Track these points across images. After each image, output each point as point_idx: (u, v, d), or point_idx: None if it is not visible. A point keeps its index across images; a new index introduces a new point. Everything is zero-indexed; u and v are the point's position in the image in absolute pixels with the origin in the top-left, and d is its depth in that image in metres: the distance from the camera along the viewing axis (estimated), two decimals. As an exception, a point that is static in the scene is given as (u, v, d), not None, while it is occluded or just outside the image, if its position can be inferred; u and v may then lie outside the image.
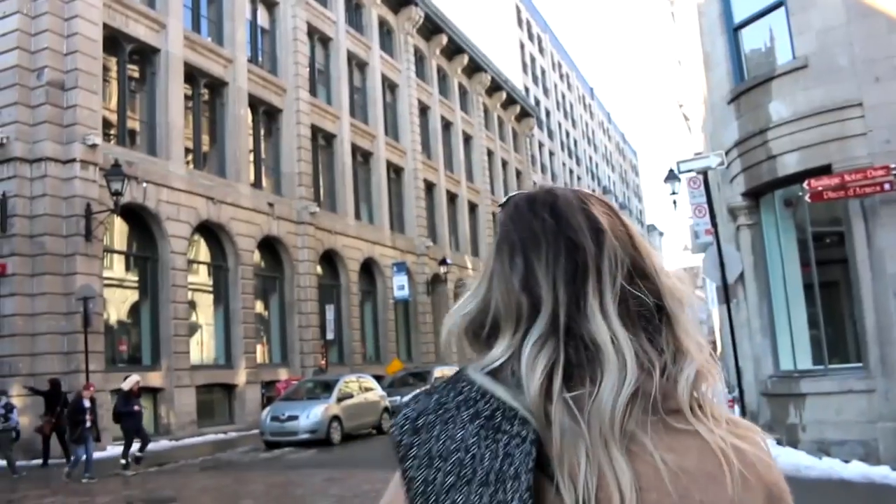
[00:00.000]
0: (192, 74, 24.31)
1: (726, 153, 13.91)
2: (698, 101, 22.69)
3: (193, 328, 23.67)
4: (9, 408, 16.17)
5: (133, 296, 22.25)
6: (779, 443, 12.35)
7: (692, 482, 0.90)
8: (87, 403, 14.92)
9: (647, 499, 0.89)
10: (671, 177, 21.87)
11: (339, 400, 20.06)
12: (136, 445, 15.78)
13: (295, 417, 19.04)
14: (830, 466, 10.81)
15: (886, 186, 10.85)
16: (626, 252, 1.01)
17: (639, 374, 0.92)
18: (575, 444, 0.91)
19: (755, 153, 12.79)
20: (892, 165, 10.76)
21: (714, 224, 14.52)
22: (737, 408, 16.42)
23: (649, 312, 0.99)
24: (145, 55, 22.81)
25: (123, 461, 15.43)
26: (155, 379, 21.29)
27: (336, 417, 19.50)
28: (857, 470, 10.54)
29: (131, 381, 16.16)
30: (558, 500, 0.90)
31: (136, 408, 16.12)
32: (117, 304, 21.75)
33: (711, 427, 0.94)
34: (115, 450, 18.67)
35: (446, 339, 1.09)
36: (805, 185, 11.39)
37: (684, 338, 1.00)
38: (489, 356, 0.99)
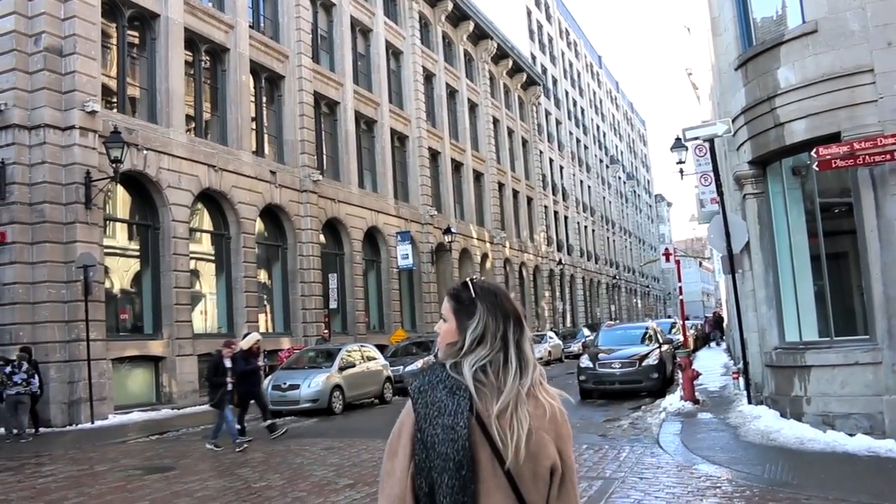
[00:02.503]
0: (193, 40, 24.00)
1: (733, 120, 13.65)
2: (706, 68, 22.34)
3: (195, 297, 23.58)
4: (30, 373, 16.21)
5: (135, 264, 22.13)
6: (782, 415, 12.22)
7: (535, 419, 2.04)
8: (228, 363, 14.06)
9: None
10: (678, 145, 21.61)
11: (341, 369, 19.99)
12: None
13: (296, 386, 19.00)
14: (834, 440, 10.67)
15: (897, 155, 10.59)
16: (522, 318, 2.21)
17: (535, 374, 2.14)
18: (490, 405, 2.03)
19: (762, 120, 12.52)
20: (903, 133, 10.49)
21: (720, 193, 14.32)
22: (741, 379, 16.35)
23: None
24: (145, 20, 22.50)
25: (238, 426, 14.39)
26: (156, 348, 21.27)
27: (338, 387, 19.44)
28: (861, 443, 10.40)
29: (251, 339, 15.23)
30: (483, 435, 2.00)
31: (255, 368, 15.04)
32: (119, 273, 21.66)
33: (542, 394, 2.11)
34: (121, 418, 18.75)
35: (448, 350, 2.19)
36: (813, 153, 11.12)
37: (531, 353, 2.19)
38: (473, 358, 2.11)
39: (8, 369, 16.24)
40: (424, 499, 2.00)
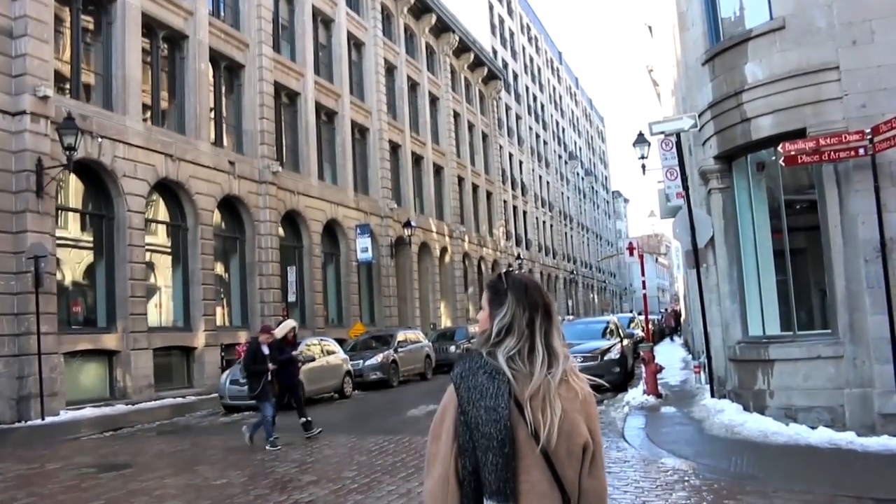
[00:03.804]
0: (151, 26, 23.45)
1: (699, 115, 13.63)
2: (670, 64, 22.38)
3: (151, 289, 23.08)
4: None
5: (88, 256, 21.57)
6: (746, 409, 12.26)
7: (568, 401, 2.18)
8: (266, 350, 13.02)
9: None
10: (640, 140, 21.62)
11: (301, 363, 19.64)
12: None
13: (255, 381, 18.61)
14: (797, 432, 10.72)
15: (861, 151, 10.63)
16: (551, 309, 2.32)
17: (564, 364, 2.24)
18: (525, 389, 2.17)
19: (729, 115, 12.52)
20: (867, 130, 10.53)
21: (685, 187, 14.30)
22: (703, 374, 16.41)
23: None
24: (101, 4, 21.91)
25: (303, 420, 13.51)
26: (110, 341, 20.75)
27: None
28: (823, 436, 10.47)
29: (286, 326, 14.32)
30: (521, 416, 2.15)
31: (292, 358, 14.02)
32: (72, 265, 21.09)
33: (574, 379, 2.24)
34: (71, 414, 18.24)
35: (480, 337, 2.35)
36: (780, 148, 11.14)
37: (562, 342, 2.33)
38: (503, 347, 2.24)
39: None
40: (468, 477, 2.17)
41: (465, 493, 2.18)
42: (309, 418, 13.52)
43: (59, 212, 20.22)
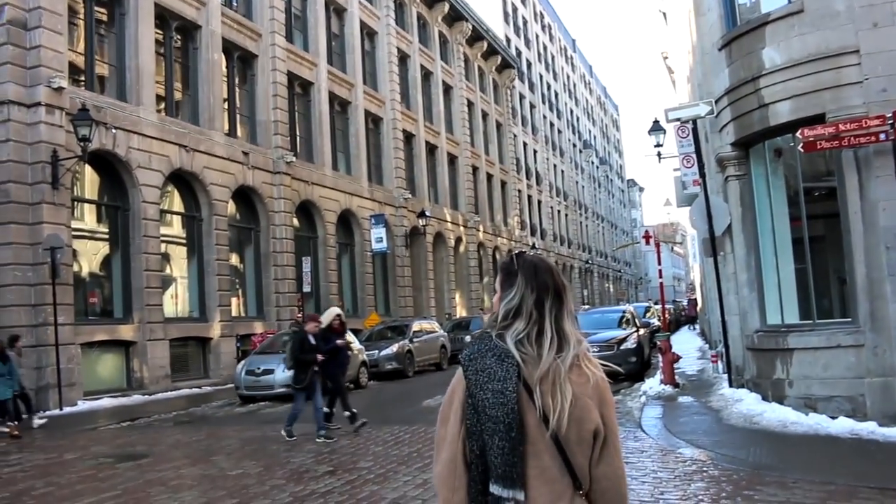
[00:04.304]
0: (164, 17, 23.44)
1: (716, 101, 13.49)
2: (685, 50, 22.17)
3: (166, 280, 23.13)
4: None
5: (104, 247, 21.64)
6: (764, 398, 12.15)
7: (579, 387, 2.13)
8: (312, 340, 12.52)
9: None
10: (656, 128, 21.44)
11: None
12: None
13: (270, 371, 18.67)
14: (817, 422, 10.61)
15: (882, 136, 10.47)
16: (563, 292, 2.27)
17: (575, 349, 2.18)
18: (535, 374, 2.13)
19: (746, 101, 12.37)
20: (888, 115, 10.37)
21: (702, 175, 14.16)
22: (720, 363, 16.28)
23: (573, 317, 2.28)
24: (113, -4, 21.92)
25: (328, 410, 12.83)
26: (127, 332, 20.83)
27: (313, 371, 19.11)
28: (843, 426, 10.34)
29: (331, 313, 13.61)
30: (530, 400, 2.11)
31: (338, 347, 13.20)
32: (88, 256, 21.16)
33: (587, 365, 2.18)
34: (89, 405, 18.32)
35: (489, 319, 2.29)
36: (798, 134, 10.99)
37: (577, 328, 2.26)
38: (512, 329, 2.19)
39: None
40: (476, 461, 2.14)
41: (472, 476, 2.15)
42: (355, 412, 13.00)
43: (76, 203, 20.32)
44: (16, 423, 14.52)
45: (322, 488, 8.65)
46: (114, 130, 20.47)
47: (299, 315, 27.02)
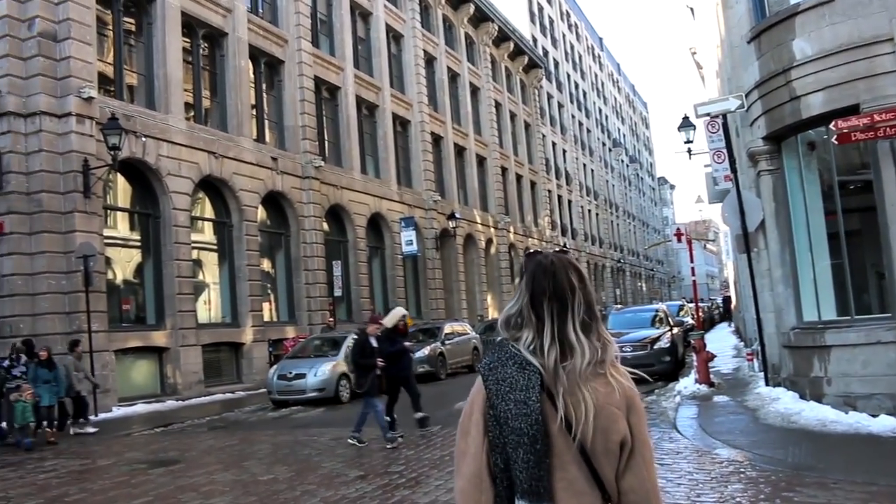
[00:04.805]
0: (190, 25, 23.60)
1: (746, 95, 13.27)
2: (714, 45, 21.89)
3: (198, 286, 23.28)
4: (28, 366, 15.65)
5: (136, 254, 21.84)
6: (802, 397, 11.91)
7: (603, 396, 2.02)
8: (374, 343, 12.20)
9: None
10: (685, 124, 21.20)
11: (348, 357, 19.66)
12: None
13: (302, 376, 18.71)
14: (857, 421, 10.36)
15: (919, 126, 10.22)
16: (583, 293, 2.11)
17: (589, 357, 2.04)
18: (557, 382, 2.02)
19: (777, 94, 12.14)
20: (926, 104, 10.12)
21: (733, 170, 13.94)
22: (756, 362, 16.02)
23: (589, 321, 2.10)
24: (141, 5, 22.11)
25: (388, 418, 12.22)
26: (160, 338, 20.98)
27: (344, 375, 19.10)
28: (885, 424, 10.09)
29: (395, 314, 13.11)
30: (551, 404, 2.00)
31: (404, 349, 12.78)
32: (121, 263, 21.36)
33: (613, 373, 2.07)
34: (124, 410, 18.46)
35: (504, 319, 2.16)
36: (832, 126, 10.75)
37: (605, 334, 2.12)
38: (522, 339, 2.09)
39: (6, 363, 15.90)
40: (500, 474, 2.04)
41: (498, 491, 2.06)
42: (426, 415, 12.84)
43: (108, 211, 20.54)
44: (54, 429, 14.67)
45: (353, 493, 8.59)
46: (143, 139, 20.63)
47: (331, 319, 27.10)
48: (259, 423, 16.36)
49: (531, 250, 2.27)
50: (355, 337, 14.13)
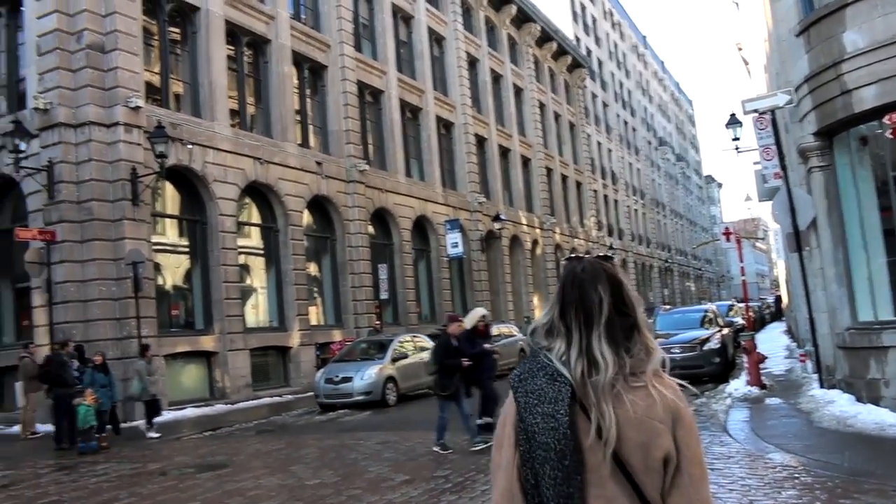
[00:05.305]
0: (234, 33, 23.85)
1: (795, 90, 12.97)
2: (761, 39, 21.49)
3: (246, 291, 23.50)
4: (81, 371, 15.84)
5: (185, 260, 22.12)
6: (858, 400, 11.58)
7: (643, 409, 1.89)
8: (456, 343, 11.80)
9: (622, 417, 1.88)
10: (733, 121, 20.83)
11: (394, 360, 19.68)
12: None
13: (349, 379, 18.73)
14: (918, 424, 10.04)
15: (977, 119, 9.88)
16: (616, 300, 2.00)
17: (613, 370, 1.92)
18: (587, 394, 1.91)
19: (828, 88, 11.84)
20: (984, 95, 9.78)
21: (783, 167, 13.63)
22: (809, 363, 15.66)
23: (629, 329, 1.99)
24: (185, 14, 22.40)
25: (480, 421, 11.74)
26: (208, 343, 21.21)
27: (391, 378, 19.14)
28: (947, 427, 9.76)
29: (475, 315, 12.67)
30: (585, 417, 1.90)
31: (485, 351, 12.20)
32: (170, 269, 21.67)
33: (654, 384, 1.94)
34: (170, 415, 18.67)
35: (532, 329, 2.11)
36: (885, 120, 10.47)
37: (649, 342, 2.00)
38: (555, 350, 2.00)
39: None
40: (532, 490, 1.93)
41: None
42: (493, 420, 11.87)
43: (156, 218, 20.83)
44: (106, 434, 14.91)
45: (399, 498, 8.54)
46: (190, 146, 20.88)
47: (377, 322, 27.15)
48: (306, 427, 16.42)
49: (571, 255, 2.14)
50: (437, 334, 13.69)
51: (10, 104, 20.82)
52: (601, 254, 2.16)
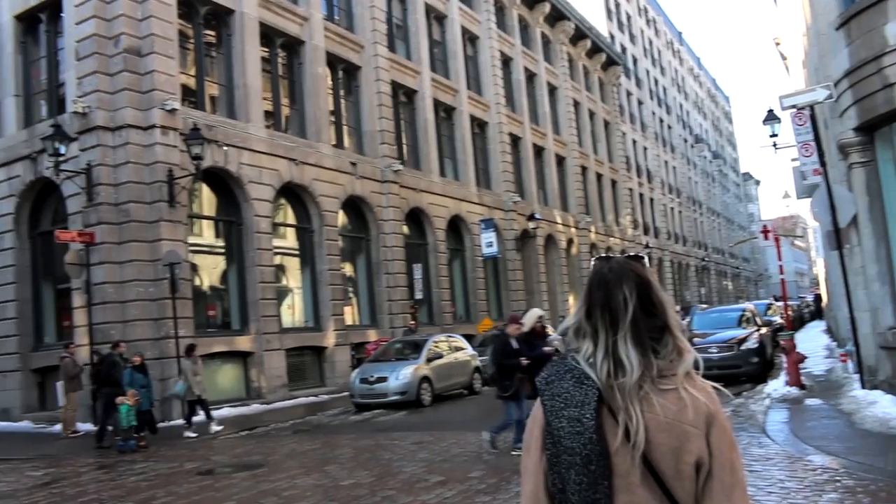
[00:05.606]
0: (268, 35, 23.99)
1: (835, 85, 12.73)
2: (799, 33, 21.14)
3: (281, 292, 23.63)
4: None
5: (221, 261, 22.30)
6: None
7: (674, 413, 1.83)
8: (514, 345, 11.52)
9: (652, 420, 1.82)
10: (770, 118, 20.50)
11: (429, 360, 19.68)
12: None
13: (384, 379, 18.77)
14: (963, 425, 9.80)
15: None
16: (644, 301, 1.94)
17: (639, 373, 1.87)
18: (614, 397, 1.85)
19: (869, 82, 11.61)
20: None
21: (823, 164, 13.39)
22: (850, 363, 15.37)
23: (660, 330, 1.94)
24: (220, 17, 22.59)
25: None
26: (244, 343, 21.36)
27: (426, 378, 19.14)
28: None
29: (532, 316, 12.40)
30: (613, 421, 1.84)
31: (544, 354, 11.49)
32: (207, 270, 21.86)
33: (685, 386, 1.87)
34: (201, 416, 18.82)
35: (562, 331, 2.13)
36: (929, 114, 10.22)
37: (681, 343, 1.94)
38: (582, 351, 1.95)
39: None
40: (558, 495, 1.89)
41: None
42: None
43: (193, 219, 21.03)
44: (145, 433, 15.08)
45: (433, 499, 8.52)
46: (225, 148, 21.06)
47: (412, 322, 27.16)
48: (341, 427, 16.47)
49: (601, 255, 2.09)
50: (496, 334, 13.48)
51: (51, 108, 21.21)
52: (632, 254, 2.10)
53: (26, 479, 12.10)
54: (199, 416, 16.20)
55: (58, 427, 17.59)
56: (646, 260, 2.08)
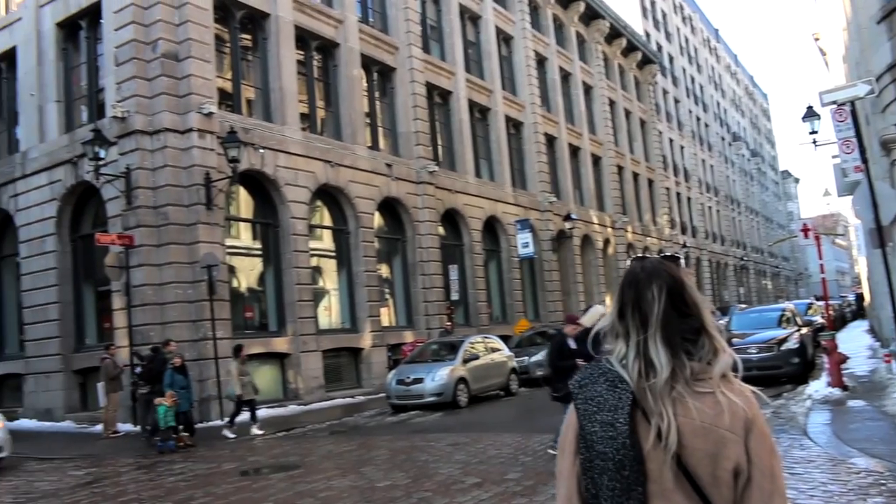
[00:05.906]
0: (303, 38, 24.15)
1: (877, 80, 12.48)
2: (839, 28, 20.80)
3: (318, 293, 23.76)
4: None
5: (258, 263, 22.48)
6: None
7: (711, 417, 1.78)
8: (572, 344, 10.92)
9: (687, 424, 1.78)
10: (810, 114, 20.16)
11: (465, 361, 19.65)
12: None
13: (420, 380, 18.77)
14: None
15: None
16: (677, 301, 1.91)
17: (668, 374, 1.83)
18: (646, 398, 1.82)
19: (912, 78, 11.37)
20: None
21: (864, 160, 13.14)
22: (894, 363, 15.07)
23: (695, 331, 1.89)
24: (256, 21, 22.78)
25: None
26: (281, 345, 21.50)
27: (462, 379, 19.11)
28: None
29: (594, 313, 11.30)
30: (647, 425, 1.80)
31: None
32: (244, 272, 22.05)
33: (722, 389, 1.82)
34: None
35: (595, 333, 2.08)
36: (975, 109, 9.98)
37: (717, 344, 1.89)
38: (615, 352, 1.93)
39: (139, 370, 16.66)
40: (592, 501, 1.85)
41: None
42: None
43: (230, 222, 21.22)
44: (187, 434, 15.23)
45: (469, 501, 8.49)
46: (261, 150, 21.22)
47: (448, 323, 27.15)
48: (378, 428, 16.50)
49: (637, 255, 2.07)
50: (553, 334, 13.28)
51: (91, 113, 21.56)
52: (667, 254, 2.08)
53: (69, 478, 12.30)
54: (243, 416, 16.34)
55: (99, 427, 17.87)
56: (681, 260, 2.05)
